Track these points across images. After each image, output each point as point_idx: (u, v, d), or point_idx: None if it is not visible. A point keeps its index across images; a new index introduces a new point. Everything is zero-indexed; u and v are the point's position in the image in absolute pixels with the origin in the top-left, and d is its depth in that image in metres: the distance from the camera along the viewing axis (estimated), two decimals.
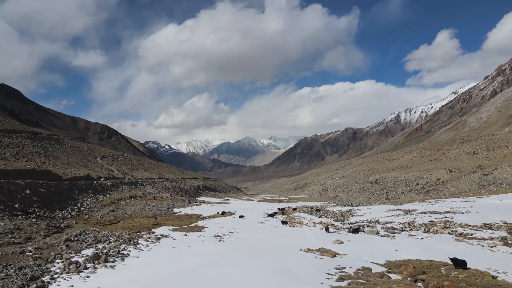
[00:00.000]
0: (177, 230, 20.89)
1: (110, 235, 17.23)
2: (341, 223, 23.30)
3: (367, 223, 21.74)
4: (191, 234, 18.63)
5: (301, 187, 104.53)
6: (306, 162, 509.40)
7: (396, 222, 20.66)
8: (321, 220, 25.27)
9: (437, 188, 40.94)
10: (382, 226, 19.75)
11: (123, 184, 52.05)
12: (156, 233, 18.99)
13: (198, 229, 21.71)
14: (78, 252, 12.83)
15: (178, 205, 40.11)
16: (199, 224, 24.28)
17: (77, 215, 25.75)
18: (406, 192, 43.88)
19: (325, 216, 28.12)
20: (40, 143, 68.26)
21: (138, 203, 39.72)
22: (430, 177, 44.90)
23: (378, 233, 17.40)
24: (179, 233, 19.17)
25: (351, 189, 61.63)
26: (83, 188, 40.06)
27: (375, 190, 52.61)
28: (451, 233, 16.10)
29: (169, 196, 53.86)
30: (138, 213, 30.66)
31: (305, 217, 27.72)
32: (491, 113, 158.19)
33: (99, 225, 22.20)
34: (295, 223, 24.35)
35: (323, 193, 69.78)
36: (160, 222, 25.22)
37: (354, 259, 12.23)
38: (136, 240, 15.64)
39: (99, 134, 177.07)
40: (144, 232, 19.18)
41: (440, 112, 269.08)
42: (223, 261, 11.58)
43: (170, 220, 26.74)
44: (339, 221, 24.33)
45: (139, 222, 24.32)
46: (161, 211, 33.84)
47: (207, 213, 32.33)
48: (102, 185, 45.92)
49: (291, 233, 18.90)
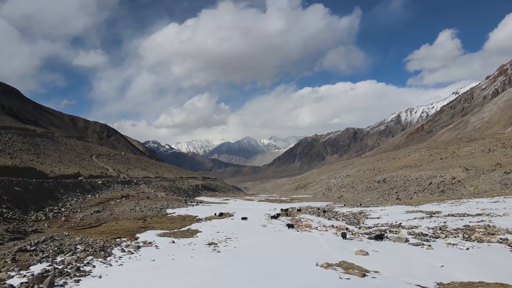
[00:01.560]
0: (166, 235, 17.78)
1: (80, 242, 14.11)
2: (356, 227, 20.18)
3: (388, 227, 18.60)
4: (180, 241, 15.51)
5: (302, 187, 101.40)
6: (307, 162, 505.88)
7: (423, 226, 17.53)
8: (332, 223, 22.13)
9: (453, 187, 37.81)
10: (408, 231, 16.62)
11: (115, 183, 48.89)
12: (139, 240, 15.89)
13: (190, 233, 18.59)
14: (24, 268, 9.71)
15: (172, 206, 37.01)
16: (193, 228, 21.16)
17: (54, 217, 22.64)
18: (418, 192, 40.73)
19: (335, 219, 25.00)
20: (31, 140, 65.33)
21: (130, 203, 36.61)
22: (444, 175, 41.74)
23: (408, 241, 14.28)
24: (167, 239, 16.05)
25: (357, 188, 58.47)
26: (69, 187, 36.92)
27: (383, 189, 49.46)
28: (501, 241, 12.98)
29: (164, 195, 50.74)
30: (127, 214, 27.55)
31: (313, 220, 24.59)
32: (493, 112, 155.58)
33: (76, 228, 19.08)
34: (302, 227, 21.23)
35: (326, 193, 66.61)
36: (149, 225, 22.12)
37: (392, 280, 9.11)
38: (110, 250, 12.51)
39: (98, 133, 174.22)
40: (125, 238, 16.07)
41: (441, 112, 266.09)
42: (216, 283, 8.47)
43: (160, 223, 23.63)
44: (353, 225, 21.20)
45: (124, 225, 21.22)
46: (152, 212, 30.76)
47: (203, 215, 29.23)
48: (92, 184, 42.77)
49: (301, 239, 15.77)
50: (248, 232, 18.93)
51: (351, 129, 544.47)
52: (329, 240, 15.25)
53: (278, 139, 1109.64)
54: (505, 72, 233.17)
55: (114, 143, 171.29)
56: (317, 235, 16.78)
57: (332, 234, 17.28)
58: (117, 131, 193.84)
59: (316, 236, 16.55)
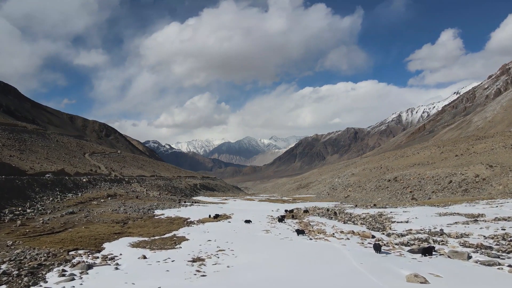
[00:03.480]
0: (141, 245, 13.74)
1: (13, 259, 10.09)
2: (383, 234, 16.15)
3: (427, 235, 14.55)
4: (155, 256, 11.46)
5: (304, 186, 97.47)
6: (307, 162, 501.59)
7: (476, 234, 13.49)
8: (350, 228, 18.07)
9: (477, 186, 33.74)
10: (459, 241, 12.58)
11: (103, 181, 44.82)
12: (103, 252, 11.91)
13: (173, 242, 14.54)
14: None
15: (163, 206, 32.98)
16: (179, 234, 17.11)
17: (12, 220, 18.61)
18: (437, 191, 36.65)
19: (352, 222, 20.93)
20: (18, 136, 61.63)
21: (115, 203, 32.59)
22: (466, 173, 37.66)
23: (470, 257, 10.25)
24: (139, 252, 12.02)
25: (365, 188, 54.41)
26: (47, 185, 32.88)
27: (395, 188, 45.39)
28: None
29: (157, 195, 46.69)
30: (106, 216, 23.52)
31: (325, 224, 20.54)
32: (496, 112, 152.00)
33: (29, 236, 15.06)
34: (315, 233, 17.18)
35: (331, 193, 62.55)
36: (126, 231, 18.08)
37: None
38: (43, 274, 8.53)
39: (97, 132, 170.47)
40: (82, 251, 12.05)
41: (443, 111, 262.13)
42: None
43: (142, 227, 19.58)
44: (378, 230, 17.16)
45: (95, 231, 17.17)
46: (138, 213, 26.75)
47: (197, 216, 25.21)
48: (76, 182, 38.73)
49: (319, 253, 11.71)
50: (247, 240, 14.90)
51: (352, 129, 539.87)
52: (357, 254, 11.19)
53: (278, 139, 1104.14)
54: (508, 72, 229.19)
55: (113, 142, 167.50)
56: (339, 246, 12.72)
57: (358, 244, 13.23)
58: (116, 130, 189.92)
59: (338, 247, 12.49)
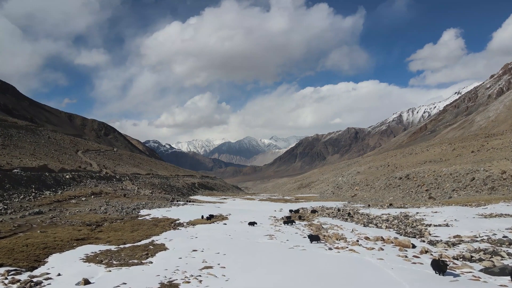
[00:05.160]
0: (97, 259, 10.00)
1: None
2: (419, 241, 12.41)
3: (490, 244, 10.80)
4: (104, 280, 7.71)
5: (305, 186, 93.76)
6: (308, 162, 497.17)
7: None
8: (377, 233, 14.29)
9: (505, 183, 29.97)
10: None
11: (89, 178, 41.02)
12: (33, 273, 8.25)
13: (145, 254, 10.78)
14: None
15: (152, 205, 29.23)
16: (158, 241, 13.34)
17: None
18: (458, 190, 32.86)
19: (374, 225, 17.13)
20: (4, 131, 57.86)
21: (97, 201, 28.85)
22: (490, 169, 33.89)
23: None
24: (87, 270, 8.29)
25: (373, 186, 50.64)
26: (21, 182, 29.14)
27: (408, 187, 41.62)
28: None
29: (149, 193, 42.90)
30: (79, 217, 19.79)
31: (341, 227, 16.78)
32: (499, 111, 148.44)
33: None
34: (333, 239, 13.40)
35: (336, 192, 58.80)
36: (92, 236, 14.31)
37: None
38: None
39: (96, 131, 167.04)
40: (7, 269, 8.32)
41: (444, 111, 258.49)
42: None
43: (117, 231, 15.83)
44: (413, 237, 13.40)
45: (52, 236, 13.43)
46: (120, 213, 23.04)
47: (187, 218, 21.46)
48: (57, 179, 34.98)
49: (349, 274, 7.95)
50: (245, 250, 11.15)
51: (353, 129, 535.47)
52: (410, 276, 7.43)
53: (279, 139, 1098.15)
54: (510, 71, 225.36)
55: (112, 141, 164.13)
56: (374, 262, 8.97)
57: (400, 258, 9.47)
58: (115, 129, 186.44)
59: (374, 264, 8.73)
